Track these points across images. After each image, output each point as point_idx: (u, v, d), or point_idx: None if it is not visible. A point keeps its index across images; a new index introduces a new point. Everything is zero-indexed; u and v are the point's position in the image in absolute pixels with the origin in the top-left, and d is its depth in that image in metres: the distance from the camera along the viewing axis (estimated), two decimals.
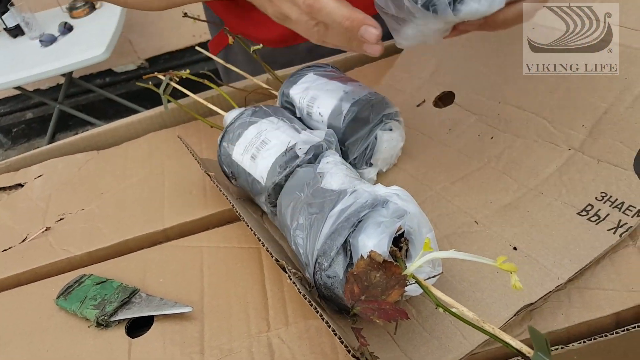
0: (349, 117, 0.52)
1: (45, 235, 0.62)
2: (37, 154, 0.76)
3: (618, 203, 0.42)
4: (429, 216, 0.41)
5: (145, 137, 0.75)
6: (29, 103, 2.70)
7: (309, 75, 0.58)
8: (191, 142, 0.71)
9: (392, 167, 0.57)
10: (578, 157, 0.47)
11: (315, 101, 0.54)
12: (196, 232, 0.57)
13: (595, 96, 0.48)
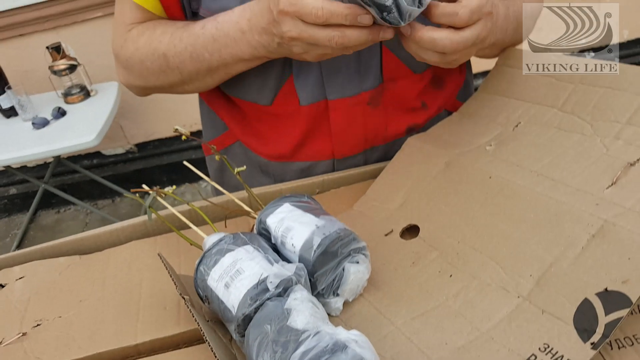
0: (319, 250, 0.56)
1: (21, 341, 0.64)
2: (20, 255, 0.78)
3: (558, 356, 0.45)
4: (387, 354, 0.44)
5: (128, 245, 0.78)
6: (13, 179, 2.72)
7: (286, 206, 0.62)
8: (171, 252, 0.74)
9: (358, 296, 0.60)
10: (526, 305, 0.51)
11: (289, 232, 0.59)
12: (168, 349, 0.59)
13: (543, 248, 0.53)
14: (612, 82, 0.65)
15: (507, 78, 0.78)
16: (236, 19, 0.70)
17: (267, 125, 0.84)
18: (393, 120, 0.83)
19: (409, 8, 0.56)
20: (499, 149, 0.68)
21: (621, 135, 0.60)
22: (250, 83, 0.81)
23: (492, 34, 0.68)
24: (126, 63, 0.81)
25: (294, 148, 0.84)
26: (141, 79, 0.82)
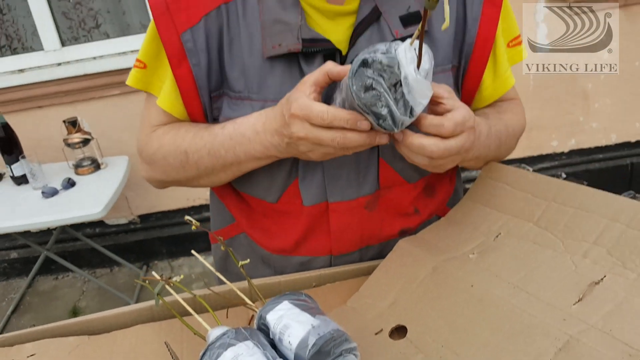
0: (313, 350, 0.61)
1: None
2: (32, 333, 0.83)
3: None
4: None
5: (135, 329, 0.83)
6: (15, 243, 2.77)
7: (285, 303, 0.68)
8: (175, 339, 0.79)
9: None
10: None
11: (287, 330, 0.64)
12: None
13: (515, 358, 0.59)
14: (581, 204, 0.73)
15: (490, 190, 0.86)
16: (253, 121, 0.79)
17: (272, 220, 0.92)
18: (387, 224, 0.91)
19: (402, 117, 0.65)
20: (481, 258, 0.75)
21: (588, 255, 0.67)
22: (259, 181, 0.89)
23: (475, 147, 0.77)
24: (149, 159, 0.90)
25: (295, 243, 0.91)
26: (162, 173, 0.90)
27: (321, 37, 0.78)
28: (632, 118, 2.64)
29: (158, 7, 0.80)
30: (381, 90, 0.63)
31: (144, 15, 2.53)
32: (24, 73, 2.46)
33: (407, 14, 0.79)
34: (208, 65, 0.82)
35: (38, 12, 2.44)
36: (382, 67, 0.63)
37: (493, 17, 0.82)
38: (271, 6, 0.79)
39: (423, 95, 0.64)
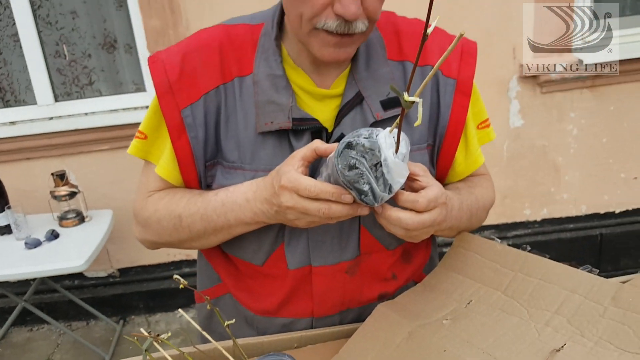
0: None
1: None
2: None
3: None
4: None
5: None
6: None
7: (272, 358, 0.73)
8: None
9: None
10: None
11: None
12: None
13: None
14: (544, 275, 0.80)
15: (462, 259, 0.93)
16: (244, 189, 0.86)
17: (258, 282, 0.97)
18: (367, 288, 0.96)
19: (381, 194, 0.73)
20: (453, 324, 0.81)
21: (550, 323, 0.74)
22: (247, 245, 0.95)
23: (448, 219, 0.85)
24: (144, 222, 0.95)
25: (279, 305, 0.96)
26: (156, 235, 0.95)
27: (309, 116, 0.87)
28: (600, 191, 2.77)
29: (162, 86, 0.88)
30: (363, 170, 0.71)
31: (137, 75, 2.62)
32: (16, 125, 2.52)
33: (387, 99, 0.88)
34: (205, 138, 0.89)
35: (34, 67, 2.52)
36: (364, 150, 0.71)
37: (463, 105, 0.92)
38: (265, 89, 0.87)
39: (400, 175, 0.72)
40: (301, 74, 0.90)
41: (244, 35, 0.91)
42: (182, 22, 2.36)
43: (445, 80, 0.91)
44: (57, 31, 2.56)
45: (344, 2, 0.76)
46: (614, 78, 2.54)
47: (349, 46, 0.83)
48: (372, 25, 0.83)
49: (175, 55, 0.89)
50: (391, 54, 0.91)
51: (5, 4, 2.50)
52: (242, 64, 0.89)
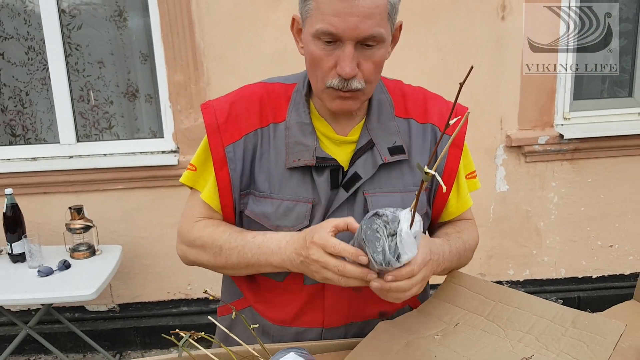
0: None
1: None
2: None
3: None
4: None
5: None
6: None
7: (291, 354, 0.89)
8: None
9: None
10: None
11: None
12: None
13: None
14: (519, 304, 0.98)
15: (452, 291, 1.10)
16: (279, 238, 1.05)
17: (277, 295, 1.13)
18: (370, 304, 1.14)
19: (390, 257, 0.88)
20: (443, 339, 0.98)
21: (522, 340, 0.91)
22: None
23: (438, 267, 1.03)
24: (190, 243, 1.13)
25: (295, 315, 1.13)
26: (196, 256, 1.13)
27: (330, 156, 1.08)
28: (579, 256, 2.96)
29: (211, 126, 1.10)
30: (381, 235, 0.88)
31: (154, 123, 2.83)
32: (37, 161, 2.70)
33: (393, 146, 1.10)
34: (242, 171, 1.10)
35: (61, 109, 2.72)
36: (387, 220, 0.89)
37: (456, 155, 1.14)
38: (295, 132, 1.09)
39: (410, 249, 0.88)
40: (324, 124, 1.11)
41: (279, 91, 1.13)
42: (204, 78, 2.59)
43: (443, 136, 1.11)
44: (83, 78, 2.79)
45: (342, 65, 0.97)
46: (592, 152, 2.78)
47: (351, 100, 1.03)
48: (371, 86, 1.04)
49: (224, 103, 1.12)
50: (398, 112, 1.13)
51: (38, 50, 2.73)
52: (276, 113, 1.11)
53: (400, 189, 1.10)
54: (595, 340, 0.84)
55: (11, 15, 2.69)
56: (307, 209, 1.08)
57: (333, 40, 0.97)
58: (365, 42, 0.97)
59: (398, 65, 2.58)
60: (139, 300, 2.85)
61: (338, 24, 0.94)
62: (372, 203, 1.09)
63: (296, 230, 1.07)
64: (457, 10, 2.60)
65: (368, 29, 0.95)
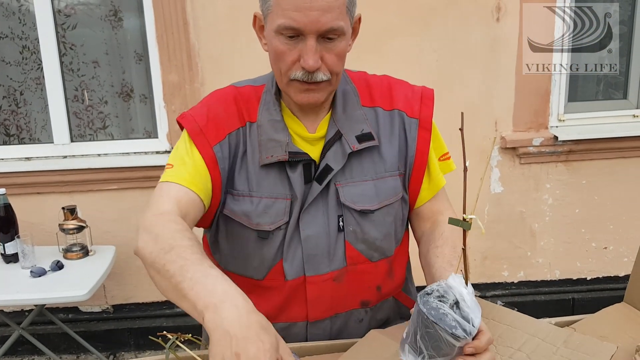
0: None
1: None
2: None
3: None
4: None
5: None
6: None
7: None
8: None
9: None
10: None
11: None
12: None
13: None
14: (511, 322, 0.99)
15: None
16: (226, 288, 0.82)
17: (257, 295, 1.11)
18: (352, 294, 1.14)
19: (467, 325, 0.81)
20: None
21: (513, 357, 0.91)
22: (250, 262, 1.13)
23: None
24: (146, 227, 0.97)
25: (278, 311, 1.13)
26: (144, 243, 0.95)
27: (302, 151, 1.09)
28: (573, 258, 2.96)
29: (194, 130, 1.10)
30: (445, 309, 0.82)
31: (149, 123, 2.82)
32: (30, 161, 2.69)
33: (361, 134, 1.11)
34: (229, 169, 1.10)
35: (55, 109, 2.71)
36: (439, 294, 0.84)
37: (426, 138, 1.15)
38: (267, 130, 1.10)
39: (477, 309, 0.83)
40: (295, 121, 1.12)
41: (250, 93, 1.15)
42: (198, 78, 2.59)
43: (410, 120, 1.14)
44: (78, 78, 2.78)
45: (305, 58, 0.99)
46: (587, 154, 2.78)
47: (316, 92, 1.04)
48: (336, 77, 1.05)
49: (200, 109, 1.13)
50: (364, 101, 1.15)
51: (32, 49, 2.73)
52: (250, 113, 1.12)
53: (373, 176, 1.12)
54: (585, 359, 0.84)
55: (6, 14, 2.69)
56: (286, 205, 1.08)
57: (295, 35, 0.99)
58: (326, 35, 0.99)
59: (393, 67, 2.58)
60: (133, 301, 2.84)
61: (299, 18, 0.96)
62: (343, 193, 1.09)
63: (276, 227, 1.08)
64: (451, 12, 2.60)
65: (328, 22, 0.97)
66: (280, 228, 1.09)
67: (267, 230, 1.10)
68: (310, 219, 1.10)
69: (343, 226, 1.11)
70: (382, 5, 2.57)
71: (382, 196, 1.12)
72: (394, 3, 2.58)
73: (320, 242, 1.10)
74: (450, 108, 2.75)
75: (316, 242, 1.10)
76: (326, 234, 1.10)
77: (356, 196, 1.10)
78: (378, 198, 1.12)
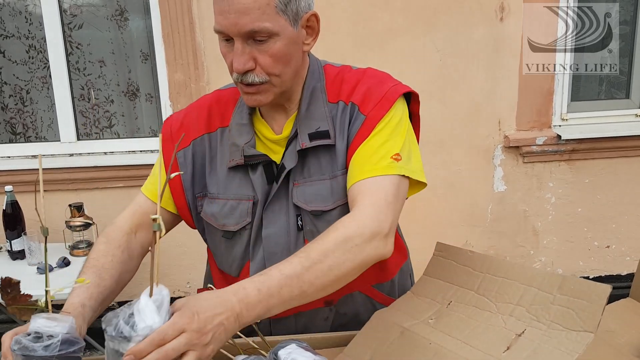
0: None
1: None
2: None
3: None
4: None
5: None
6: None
7: (292, 345, 0.89)
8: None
9: None
10: None
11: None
12: None
13: None
14: (506, 274, 0.98)
15: (441, 266, 1.11)
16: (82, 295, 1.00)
17: None
18: None
19: (127, 328, 0.77)
20: (437, 322, 0.99)
21: (513, 313, 0.92)
22: (225, 259, 1.18)
23: (229, 319, 0.82)
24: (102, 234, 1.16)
25: None
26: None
27: (259, 153, 1.10)
28: (575, 257, 2.97)
29: (166, 134, 1.17)
30: (121, 314, 0.79)
31: (154, 122, 2.85)
32: (37, 159, 2.71)
33: (314, 131, 1.08)
34: (192, 174, 1.14)
35: (62, 107, 2.74)
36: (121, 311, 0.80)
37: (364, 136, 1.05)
38: (233, 134, 1.12)
39: (150, 317, 0.77)
40: (262, 123, 1.14)
41: (229, 96, 1.17)
42: (204, 77, 2.61)
43: (359, 115, 1.07)
44: (84, 77, 2.81)
45: (233, 61, 1.00)
46: (590, 153, 2.80)
47: (259, 94, 1.03)
48: (278, 78, 1.02)
49: (180, 114, 1.19)
50: (331, 98, 1.11)
51: (39, 48, 2.75)
52: (224, 118, 1.16)
53: (330, 175, 1.09)
54: (582, 306, 0.84)
55: (12, 14, 2.72)
56: (249, 206, 1.11)
57: (228, 38, 1.00)
58: (253, 37, 0.98)
59: (397, 66, 2.61)
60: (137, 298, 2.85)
61: (221, 21, 0.97)
62: (296, 193, 1.09)
63: (241, 228, 1.11)
64: (455, 12, 2.63)
65: (246, 24, 0.96)
66: (245, 228, 1.12)
67: (231, 230, 1.13)
68: (271, 219, 1.11)
69: (302, 225, 1.11)
70: (386, 5, 2.60)
71: (337, 196, 1.09)
72: (399, 2, 2.60)
73: (281, 240, 1.10)
74: (454, 107, 2.79)
75: (276, 240, 1.11)
76: (286, 233, 1.11)
77: (310, 196, 1.09)
78: (333, 198, 1.09)
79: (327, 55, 1.23)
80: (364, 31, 2.63)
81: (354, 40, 2.63)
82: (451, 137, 2.76)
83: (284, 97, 1.09)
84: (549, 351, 0.83)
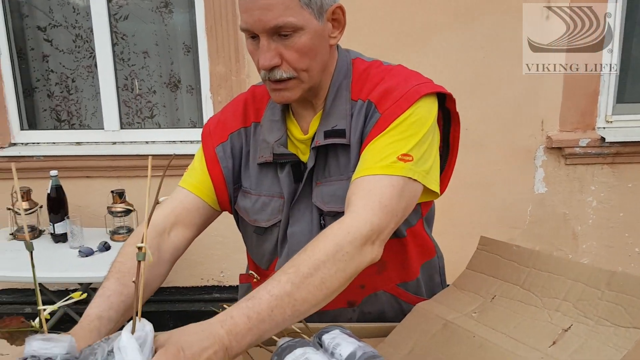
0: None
1: None
2: None
3: None
4: None
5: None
6: (31, 299, 2.91)
7: (336, 330, 0.90)
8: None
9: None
10: None
11: (339, 346, 0.85)
12: None
13: None
14: (553, 269, 0.97)
15: (485, 260, 1.10)
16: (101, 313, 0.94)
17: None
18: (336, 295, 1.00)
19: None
20: (481, 316, 0.98)
21: (560, 308, 0.91)
22: (256, 253, 1.21)
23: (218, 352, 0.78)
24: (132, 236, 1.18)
25: None
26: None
27: (288, 152, 1.11)
28: (615, 262, 2.90)
29: (205, 132, 1.19)
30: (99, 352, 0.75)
31: (194, 113, 2.89)
32: (81, 146, 2.78)
33: (330, 129, 1.06)
34: (233, 167, 1.16)
35: (106, 96, 2.80)
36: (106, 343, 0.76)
37: (375, 135, 1.01)
38: (264, 130, 1.14)
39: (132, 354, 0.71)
40: (294, 123, 1.14)
41: (263, 92, 1.17)
42: (244, 70, 2.64)
43: (375, 113, 1.04)
44: (128, 67, 2.87)
45: (259, 57, 0.99)
46: (634, 157, 2.73)
47: (286, 91, 1.03)
48: (306, 73, 1.02)
49: (218, 113, 1.22)
50: (354, 95, 1.08)
51: (85, 38, 2.82)
52: (259, 113, 1.17)
53: (347, 175, 1.05)
54: (632, 302, 0.83)
55: (61, 3, 2.79)
56: (280, 204, 1.12)
57: (254, 35, 1.00)
58: (279, 32, 0.97)
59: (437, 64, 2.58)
60: (173, 285, 2.91)
61: (247, 19, 0.98)
62: (316, 193, 1.09)
63: (272, 225, 1.13)
64: (499, 8, 2.59)
65: (271, 20, 0.96)
66: (276, 225, 1.13)
67: (262, 226, 1.15)
68: (297, 217, 1.12)
69: (324, 224, 1.10)
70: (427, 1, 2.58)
71: None
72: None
73: (304, 239, 1.05)
74: (496, 105, 2.75)
75: (299, 239, 1.09)
76: (309, 232, 1.10)
77: (327, 196, 1.09)
78: None
79: (366, 53, 1.19)
80: (403, 28, 2.61)
81: (395, 37, 2.62)
82: (491, 136, 2.73)
83: (311, 93, 1.09)
84: (597, 347, 0.81)
